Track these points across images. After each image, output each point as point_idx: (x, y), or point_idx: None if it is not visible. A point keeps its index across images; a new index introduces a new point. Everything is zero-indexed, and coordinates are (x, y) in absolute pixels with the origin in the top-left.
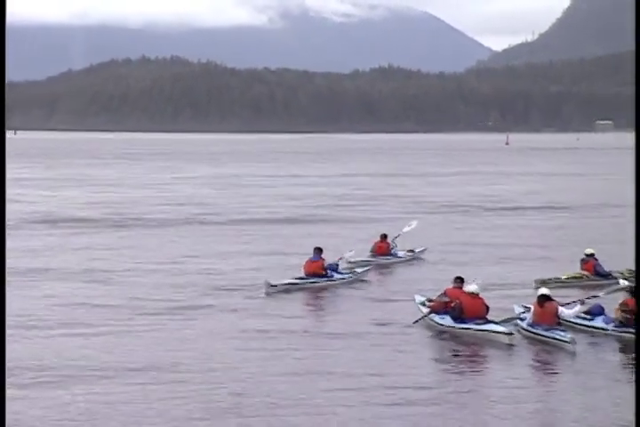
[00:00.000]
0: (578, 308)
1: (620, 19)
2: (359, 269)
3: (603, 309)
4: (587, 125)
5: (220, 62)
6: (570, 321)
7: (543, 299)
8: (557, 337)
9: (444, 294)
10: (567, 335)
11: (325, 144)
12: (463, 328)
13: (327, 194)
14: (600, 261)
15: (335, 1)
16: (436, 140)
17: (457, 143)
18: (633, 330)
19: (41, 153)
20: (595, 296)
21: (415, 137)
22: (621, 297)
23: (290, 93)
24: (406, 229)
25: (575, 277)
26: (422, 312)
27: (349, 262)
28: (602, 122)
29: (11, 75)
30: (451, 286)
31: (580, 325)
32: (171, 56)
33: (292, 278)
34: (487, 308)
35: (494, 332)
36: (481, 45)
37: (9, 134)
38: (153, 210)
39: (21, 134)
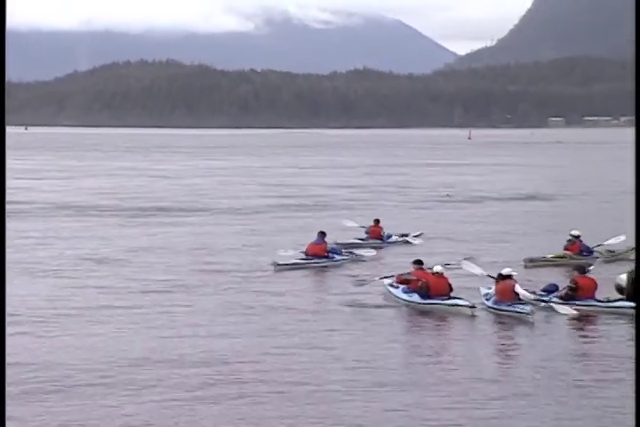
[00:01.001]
0: (532, 295)
1: (571, 26)
2: (357, 251)
3: (557, 286)
4: (541, 122)
5: (211, 64)
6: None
7: (503, 278)
8: (518, 310)
9: (410, 274)
10: (527, 308)
11: (306, 139)
12: (430, 303)
13: (317, 184)
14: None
15: (316, 9)
16: (405, 135)
17: (425, 138)
18: (581, 303)
19: (53, 146)
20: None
21: (387, 132)
22: (572, 275)
23: (274, 92)
24: (412, 240)
25: (559, 257)
26: (391, 292)
27: (339, 244)
28: (554, 119)
29: (22, 75)
30: (412, 268)
31: (537, 300)
32: (167, 59)
33: (297, 259)
34: (451, 286)
35: (458, 305)
36: (446, 50)
37: (21, 129)
38: (154, 197)
39: (32, 129)
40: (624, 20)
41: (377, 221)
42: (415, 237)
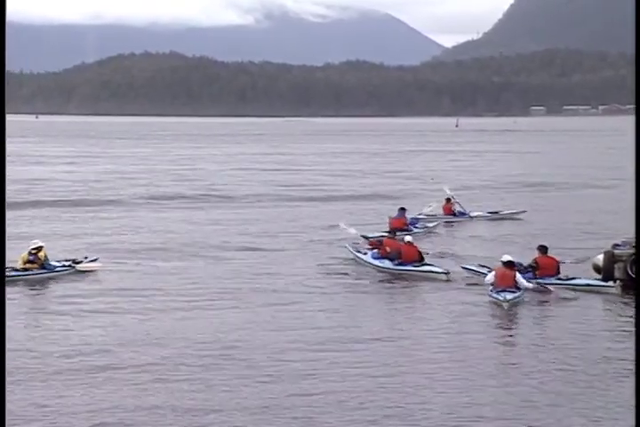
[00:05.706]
0: (531, 284)
1: (551, 20)
2: (429, 224)
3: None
4: (523, 111)
5: (211, 56)
6: None
7: (507, 264)
8: (499, 297)
9: (382, 242)
10: (508, 296)
11: (301, 127)
12: (406, 270)
13: (330, 170)
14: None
15: (311, 4)
16: (395, 124)
17: (414, 126)
18: (542, 281)
19: (66, 134)
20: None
21: (377, 121)
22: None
23: (270, 83)
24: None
25: None
26: (361, 258)
27: (426, 215)
28: (535, 108)
29: (33, 67)
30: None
31: (536, 285)
32: (169, 51)
33: (381, 232)
34: (421, 254)
35: (432, 272)
36: (434, 42)
37: (32, 118)
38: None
39: (42, 118)
40: (600, 14)
41: (448, 200)
42: (515, 213)
